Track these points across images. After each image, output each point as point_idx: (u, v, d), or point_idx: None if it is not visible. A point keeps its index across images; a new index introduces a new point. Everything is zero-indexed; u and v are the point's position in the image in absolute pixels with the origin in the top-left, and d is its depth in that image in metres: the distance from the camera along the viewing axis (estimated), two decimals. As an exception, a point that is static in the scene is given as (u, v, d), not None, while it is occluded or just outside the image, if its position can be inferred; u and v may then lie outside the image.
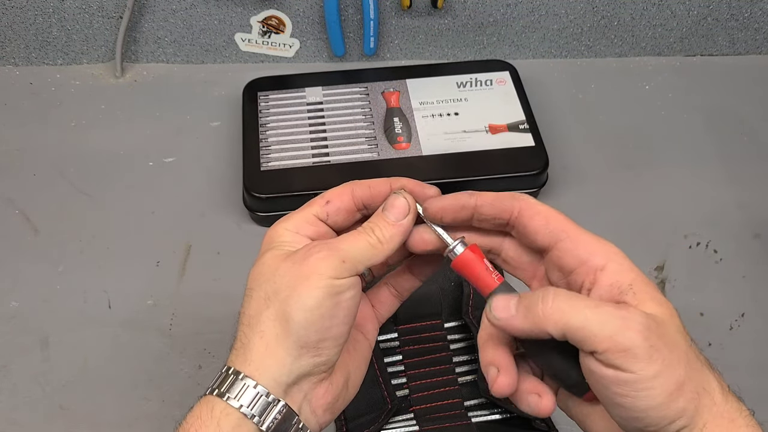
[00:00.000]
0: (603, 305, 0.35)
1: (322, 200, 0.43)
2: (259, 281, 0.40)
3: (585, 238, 0.38)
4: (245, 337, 0.39)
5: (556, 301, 0.36)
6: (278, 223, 0.42)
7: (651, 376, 0.34)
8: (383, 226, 0.41)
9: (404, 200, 0.41)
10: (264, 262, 0.40)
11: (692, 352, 0.36)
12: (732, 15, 0.86)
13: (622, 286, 0.37)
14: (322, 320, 0.38)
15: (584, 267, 0.38)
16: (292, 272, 0.39)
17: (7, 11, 0.82)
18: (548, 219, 0.39)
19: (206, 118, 0.82)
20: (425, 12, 0.84)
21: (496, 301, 0.38)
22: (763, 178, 0.77)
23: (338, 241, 0.40)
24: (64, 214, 0.73)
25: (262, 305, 0.39)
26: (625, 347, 0.34)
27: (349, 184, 0.43)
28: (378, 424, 0.57)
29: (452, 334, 0.63)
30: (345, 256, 0.39)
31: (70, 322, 0.65)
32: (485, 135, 0.75)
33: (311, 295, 0.38)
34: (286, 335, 0.38)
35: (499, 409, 0.59)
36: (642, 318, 0.35)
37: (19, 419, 0.59)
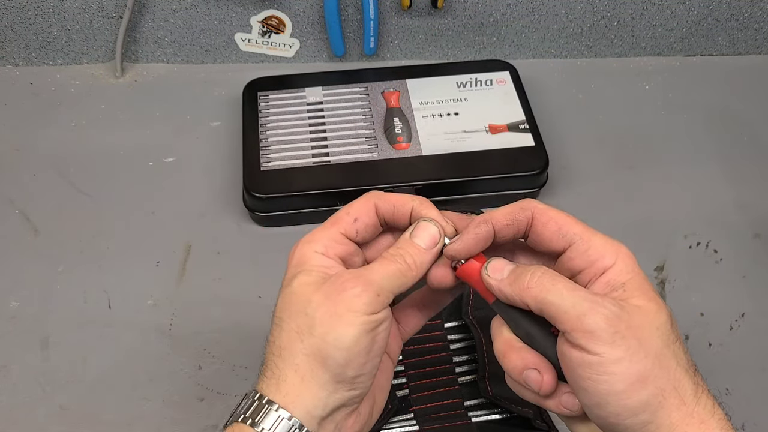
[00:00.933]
0: (580, 289, 0.37)
1: (349, 217, 0.42)
2: (290, 312, 0.39)
3: (596, 239, 0.40)
4: (277, 368, 0.39)
5: (542, 278, 0.38)
6: (305, 243, 0.41)
7: (612, 360, 0.35)
8: (414, 252, 0.41)
9: (437, 228, 0.42)
10: (294, 291, 0.39)
11: (668, 352, 0.37)
12: (732, 15, 0.86)
13: (616, 284, 0.38)
14: (359, 357, 0.38)
15: (593, 267, 0.39)
16: (327, 308, 0.38)
17: (7, 11, 0.82)
18: (560, 224, 0.40)
19: (206, 118, 0.82)
20: (425, 12, 0.84)
21: (494, 262, 0.41)
22: (763, 178, 0.77)
23: (370, 272, 0.40)
24: (64, 214, 0.73)
25: (295, 338, 0.38)
26: (590, 329, 0.36)
27: (372, 198, 0.43)
28: (378, 424, 0.57)
29: (452, 334, 0.63)
30: (379, 289, 0.39)
31: (70, 322, 0.65)
32: (485, 135, 0.75)
33: (348, 334, 0.38)
34: (322, 371, 0.38)
35: (499, 409, 0.59)
36: (612, 306, 0.36)
37: (19, 419, 0.59)
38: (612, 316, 0.36)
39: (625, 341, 0.35)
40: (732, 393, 0.61)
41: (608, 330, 0.36)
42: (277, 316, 0.40)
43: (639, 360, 0.35)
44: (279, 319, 0.39)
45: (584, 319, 0.36)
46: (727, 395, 0.62)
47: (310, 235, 0.42)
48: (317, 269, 0.40)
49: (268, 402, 0.38)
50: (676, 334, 0.38)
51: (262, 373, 0.39)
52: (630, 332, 0.36)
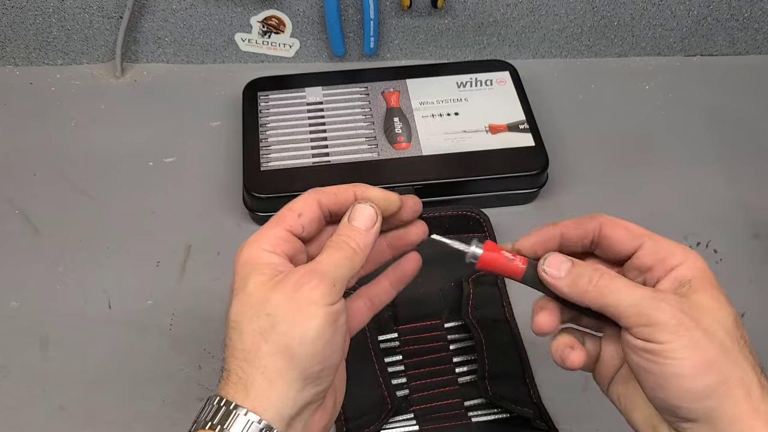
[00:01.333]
0: (639, 287, 0.39)
1: (293, 213, 0.42)
2: (249, 314, 0.39)
3: (665, 241, 0.41)
4: (243, 372, 0.38)
5: (600, 280, 0.40)
6: (252, 243, 0.42)
7: (678, 347, 0.37)
8: (355, 235, 0.42)
9: (371, 209, 0.43)
10: (250, 293, 0.39)
11: (734, 346, 0.37)
12: (732, 15, 0.86)
13: (683, 280, 0.39)
14: (324, 349, 0.39)
15: (662, 264, 0.40)
16: (287, 304, 0.38)
17: (7, 11, 0.82)
18: (628, 227, 0.42)
19: (206, 118, 0.82)
20: (425, 12, 0.84)
21: (552, 258, 0.42)
22: (763, 178, 0.77)
23: (320, 264, 0.40)
24: (64, 214, 0.73)
25: (259, 340, 0.38)
26: (653, 322, 0.37)
27: (314, 193, 0.44)
28: (378, 424, 0.57)
29: (452, 334, 0.63)
30: (334, 279, 0.40)
31: (70, 322, 0.65)
32: (485, 135, 0.75)
33: (312, 326, 0.38)
34: (289, 369, 0.38)
35: (499, 409, 0.59)
36: (674, 300, 0.38)
37: (19, 419, 0.59)
38: (674, 309, 0.37)
39: (689, 332, 0.37)
40: (732, 393, 0.61)
41: (671, 322, 0.37)
42: (233, 320, 0.39)
43: (705, 347, 0.37)
44: (237, 323, 0.39)
45: (646, 314, 0.38)
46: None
47: (256, 235, 0.42)
48: (269, 267, 0.40)
49: (236, 407, 0.38)
50: (741, 334, 0.38)
51: (225, 379, 0.39)
52: (694, 323, 0.37)
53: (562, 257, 0.42)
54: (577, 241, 0.44)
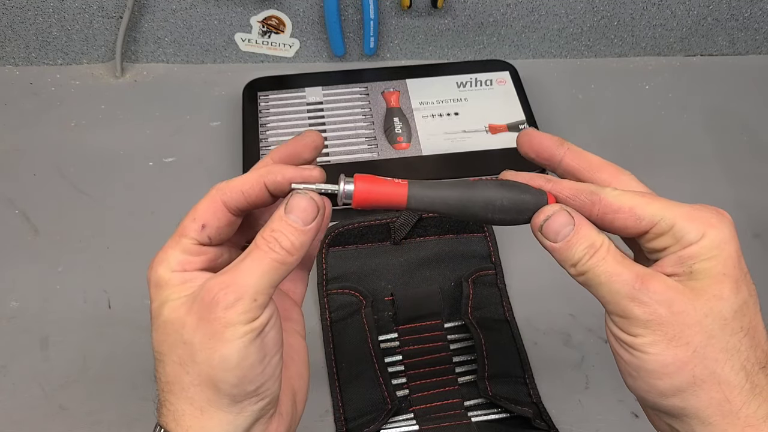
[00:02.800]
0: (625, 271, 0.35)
1: (196, 224, 0.37)
2: (168, 344, 0.36)
3: (681, 212, 0.36)
4: (171, 405, 0.36)
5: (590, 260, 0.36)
6: (158, 264, 0.37)
7: (648, 343, 0.34)
8: (290, 232, 0.36)
9: (311, 200, 0.36)
10: (166, 320, 0.36)
11: (717, 343, 0.34)
12: (732, 15, 0.86)
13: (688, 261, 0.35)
14: (253, 369, 0.35)
15: (678, 244, 0.36)
16: (203, 330, 0.34)
17: (7, 11, 0.82)
18: (635, 209, 0.36)
19: (206, 118, 0.82)
20: (425, 12, 0.84)
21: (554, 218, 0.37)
22: (763, 178, 0.77)
23: (240, 273, 0.35)
24: (64, 214, 0.73)
25: (180, 371, 0.35)
26: (627, 314, 0.35)
27: (216, 194, 0.38)
28: (378, 424, 0.57)
29: (452, 334, 0.63)
30: (255, 293, 0.34)
31: (70, 322, 0.65)
32: (485, 135, 0.75)
33: (233, 351, 0.34)
34: (217, 397, 0.35)
35: (499, 409, 0.59)
36: (659, 289, 0.34)
37: (19, 419, 0.59)
38: (653, 302, 0.34)
39: (663, 327, 0.34)
40: (732, 393, 0.61)
41: (643, 317, 0.34)
42: (156, 351, 0.36)
43: (676, 346, 0.34)
44: (159, 353, 0.36)
45: (622, 307, 0.35)
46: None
47: (162, 253, 0.38)
48: (183, 289, 0.36)
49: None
50: (740, 325, 0.34)
51: (160, 408, 0.37)
52: (672, 318, 0.34)
53: (564, 218, 0.37)
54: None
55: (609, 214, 0.37)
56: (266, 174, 0.38)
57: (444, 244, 0.67)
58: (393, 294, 0.65)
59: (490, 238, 0.68)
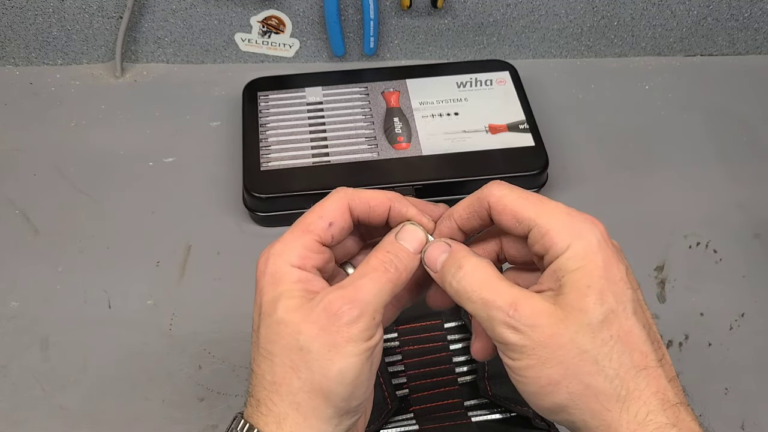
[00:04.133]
0: (498, 292, 0.36)
1: (323, 221, 0.38)
2: (281, 345, 0.36)
3: (555, 222, 0.37)
4: (274, 405, 0.36)
5: (460, 282, 0.37)
6: (278, 255, 0.37)
7: (523, 367, 0.35)
8: (404, 256, 0.38)
9: (422, 233, 0.40)
10: (281, 321, 0.36)
11: (587, 357, 0.35)
12: (732, 15, 0.86)
13: (558, 275, 0.36)
14: (362, 386, 0.36)
15: (548, 254, 0.37)
16: (322, 340, 0.35)
17: (7, 11, 0.82)
18: (515, 210, 0.38)
19: (206, 118, 0.82)
20: (425, 12, 0.84)
21: (430, 250, 0.39)
22: (763, 178, 0.77)
23: (360, 290, 0.36)
24: (64, 214, 0.73)
25: (291, 374, 0.36)
26: (501, 339, 0.36)
27: (344, 197, 0.39)
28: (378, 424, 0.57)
29: (452, 334, 0.63)
30: (374, 311, 0.36)
31: (70, 322, 0.65)
32: (485, 135, 0.75)
33: (351, 367, 0.35)
34: (325, 407, 0.36)
35: (500, 409, 0.59)
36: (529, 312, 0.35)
37: (19, 419, 0.59)
38: (522, 326, 0.35)
39: (534, 351, 0.35)
40: (731, 392, 0.61)
41: (518, 342, 0.35)
42: (264, 348, 0.36)
43: (550, 367, 0.35)
44: (268, 352, 0.36)
45: (498, 333, 0.36)
46: (726, 395, 0.62)
47: (281, 245, 0.38)
48: (298, 289, 0.37)
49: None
50: (609, 334, 0.35)
51: (255, 407, 0.37)
52: (544, 341, 0.35)
53: (442, 247, 0.39)
54: (477, 228, 0.40)
55: (495, 216, 0.38)
56: (394, 198, 0.40)
57: (444, 244, 0.67)
58: (393, 294, 0.64)
59: (490, 238, 0.68)
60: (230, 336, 0.64)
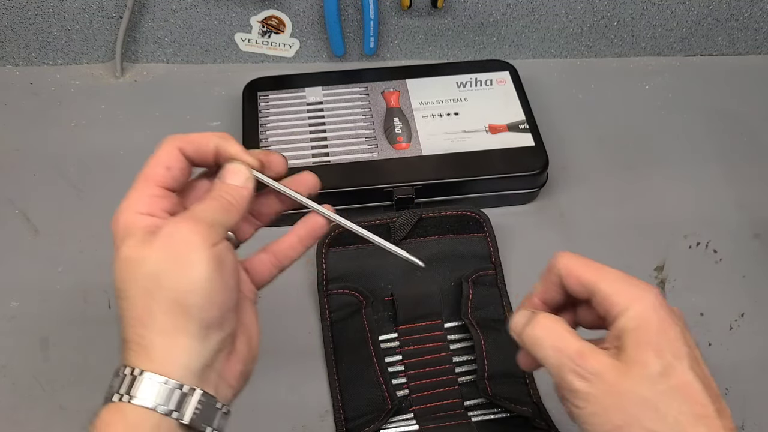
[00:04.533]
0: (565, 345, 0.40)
1: (160, 168, 0.41)
2: (131, 277, 0.38)
3: (616, 286, 0.41)
4: (141, 338, 0.37)
5: (536, 329, 0.41)
6: (125, 208, 0.40)
7: (589, 414, 0.38)
8: (230, 190, 0.41)
9: (244, 168, 0.42)
10: (127, 257, 0.38)
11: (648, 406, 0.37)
12: (732, 15, 0.86)
13: (619, 333, 0.39)
14: (218, 294, 0.38)
15: (609, 315, 0.40)
16: (166, 255, 0.37)
17: (7, 11, 0.82)
18: (578, 275, 0.42)
19: (206, 118, 0.82)
20: (425, 12, 0.84)
21: (517, 316, 0.43)
22: (763, 178, 0.77)
23: (195, 211, 0.40)
24: (64, 214, 0.73)
25: (148, 301, 0.37)
26: (568, 387, 0.39)
27: (174, 142, 0.42)
28: (378, 424, 0.57)
29: (452, 334, 0.63)
30: (210, 222, 0.39)
31: (70, 322, 0.65)
32: (485, 135, 0.75)
33: (199, 270, 0.37)
34: (186, 321, 0.37)
35: (499, 409, 0.59)
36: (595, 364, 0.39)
37: (19, 419, 0.59)
38: (589, 375, 0.38)
39: (598, 399, 0.38)
40: (731, 393, 0.61)
41: (583, 389, 0.38)
42: (118, 288, 0.38)
43: (614, 413, 0.38)
44: (121, 290, 0.38)
45: (565, 381, 0.39)
46: (726, 395, 0.62)
47: (126, 200, 0.40)
48: (143, 228, 0.39)
49: (140, 372, 0.37)
50: (668, 384, 0.38)
51: (126, 350, 0.38)
52: (607, 389, 0.38)
53: (526, 313, 0.43)
54: (560, 298, 0.44)
55: (564, 281, 0.43)
56: (216, 136, 0.42)
57: (444, 244, 0.67)
58: (393, 294, 0.65)
59: (490, 238, 0.68)
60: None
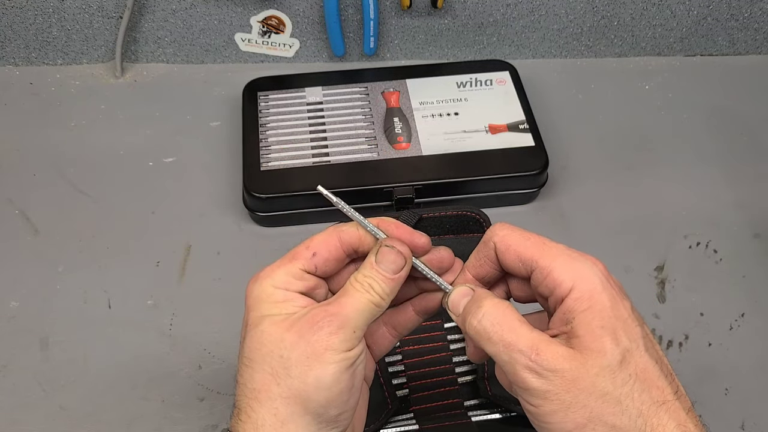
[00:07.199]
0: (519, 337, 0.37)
1: (308, 252, 0.40)
2: (262, 353, 0.38)
3: (557, 263, 0.38)
4: (253, 412, 0.37)
5: (482, 321, 0.38)
6: (263, 279, 0.40)
7: (548, 412, 0.36)
8: (381, 280, 0.40)
9: (398, 253, 0.40)
10: (264, 331, 0.38)
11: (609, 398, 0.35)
12: (732, 15, 0.86)
13: (569, 317, 0.37)
14: (341, 396, 0.37)
15: (553, 296, 0.38)
16: (303, 348, 0.37)
17: (7, 11, 0.82)
18: (518, 251, 0.39)
19: (206, 118, 0.82)
20: (425, 12, 0.84)
21: (454, 294, 0.41)
22: (763, 178, 0.77)
23: (342, 307, 0.38)
24: (64, 214, 0.73)
25: (270, 381, 0.37)
26: (524, 385, 0.36)
27: (336, 230, 0.41)
28: (378, 424, 0.57)
29: (452, 334, 0.63)
30: (355, 325, 0.38)
31: (70, 322, 0.65)
32: (485, 135, 0.75)
33: (328, 373, 0.37)
34: (302, 413, 0.37)
35: (500, 409, 0.59)
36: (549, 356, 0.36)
37: (19, 419, 0.59)
38: (543, 370, 0.36)
39: (557, 396, 0.35)
40: (731, 393, 0.61)
41: (540, 387, 0.36)
42: (246, 357, 0.38)
43: (574, 411, 0.35)
44: (249, 360, 0.38)
45: (520, 378, 0.36)
46: (726, 395, 0.62)
47: (269, 270, 0.40)
48: (282, 306, 0.39)
49: None
50: (628, 373, 0.36)
51: (236, 416, 0.38)
52: (567, 386, 0.35)
53: (464, 291, 0.41)
54: (493, 273, 0.42)
55: (500, 256, 0.40)
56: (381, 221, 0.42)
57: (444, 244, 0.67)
58: (393, 294, 0.64)
59: (490, 238, 0.68)
60: (230, 336, 0.64)
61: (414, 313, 0.45)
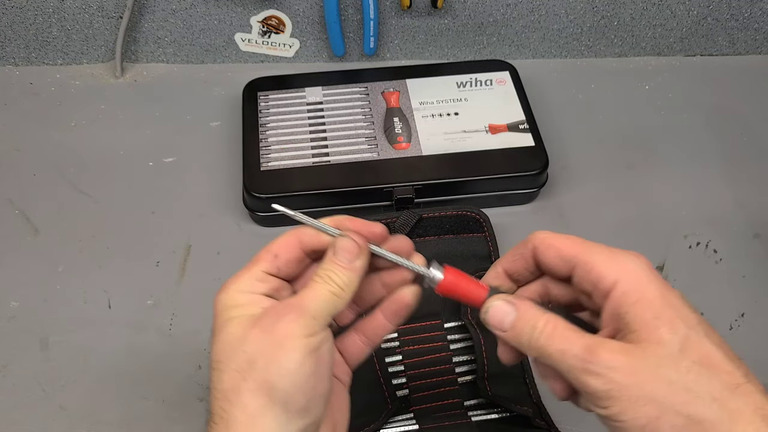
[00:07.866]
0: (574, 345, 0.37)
1: (269, 254, 0.42)
2: (227, 353, 0.38)
3: (598, 257, 0.38)
4: (225, 413, 0.37)
5: (540, 339, 0.38)
6: (228, 285, 0.41)
7: (618, 412, 0.35)
8: (339, 270, 0.40)
9: (353, 242, 0.41)
10: (229, 332, 0.39)
11: (678, 387, 0.34)
12: (732, 15, 0.86)
13: (620, 313, 0.37)
14: (307, 381, 0.38)
15: (597, 290, 0.38)
16: (264, 339, 0.38)
17: (7, 11, 0.82)
18: (559, 248, 0.40)
19: (206, 118, 0.82)
20: (425, 12, 0.84)
21: (494, 310, 0.41)
22: (763, 178, 0.77)
23: (301, 299, 0.40)
24: (64, 214, 0.73)
25: (238, 379, 0.37)
26: (588, 390, 0.36)
27: (296, 232, 0.43)
28: (378, 424, 0.57)
29: (452, 334, 0.63)
30: (314, 313, 0.39)
31: (70, 322, 0.65)
32: (485, 135, 0.75)
33: (291, 359, 0.37)
34: (271, 404, 0.37)
35: (499, 409, 0.59)
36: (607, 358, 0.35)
37: (19, 419, 0.59)
38: (607, 371, 0.35)
39: (621, 393, 0.35)
40: (732, 393, 0.61)
41: (604, 388, 0.35)
42: (214, 361, 0.39)
43: (643, 405, 0.35)
44: (217, 362, 0.38)
45: (582, 383, 0.36)
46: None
47: (234, 277, 0.41)
48: (247, 308, 0.40)
49: None
50: (691, 360, 0.35)
51: (210, 421, 0.38)
52: (629, 380, 0.35)
53: (506, 308, 0.40)
54: (524, 273, 0.42)
55: (540, 256, 0.41)
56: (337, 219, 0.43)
57: (444, 244, 0.67)
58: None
59: (490, 238, 0.68)
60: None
61: (384, 319, 0.45)
